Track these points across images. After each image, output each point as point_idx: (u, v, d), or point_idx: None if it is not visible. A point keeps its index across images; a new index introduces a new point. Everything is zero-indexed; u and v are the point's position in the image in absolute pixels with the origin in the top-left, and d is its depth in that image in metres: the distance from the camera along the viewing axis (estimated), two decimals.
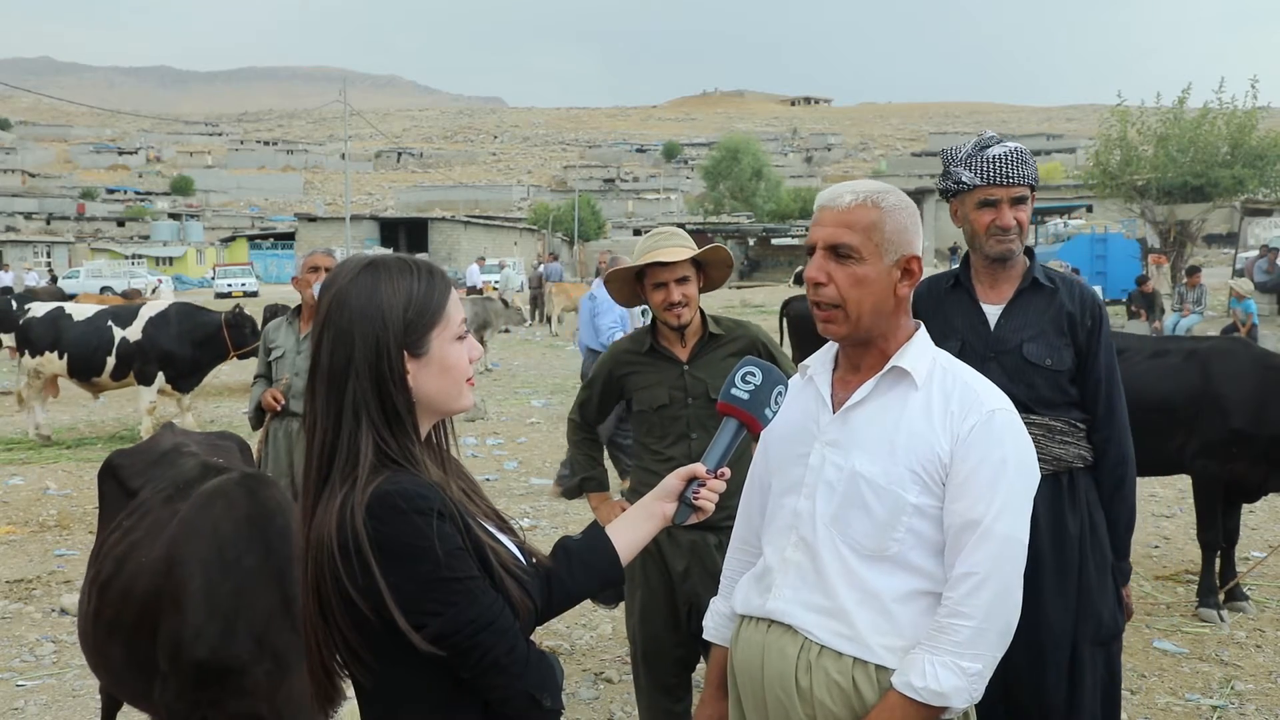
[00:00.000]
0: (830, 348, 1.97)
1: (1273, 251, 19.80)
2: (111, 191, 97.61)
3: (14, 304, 14.00)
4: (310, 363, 1.52)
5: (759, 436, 1.82)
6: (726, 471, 1.73)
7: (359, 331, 1.46)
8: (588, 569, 1.65)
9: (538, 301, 25.83)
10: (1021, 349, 2.63)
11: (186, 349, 10.12)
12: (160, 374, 10.10)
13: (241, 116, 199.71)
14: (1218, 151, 23.56)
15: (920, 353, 1.86)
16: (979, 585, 1.71)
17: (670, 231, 3.25)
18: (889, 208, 1.82)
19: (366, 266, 1.51)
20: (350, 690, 1.57)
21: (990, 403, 1.80)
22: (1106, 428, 2.69)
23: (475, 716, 1.50)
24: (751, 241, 51.20)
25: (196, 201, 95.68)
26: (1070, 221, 30.94)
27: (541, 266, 28.58)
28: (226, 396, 13.25)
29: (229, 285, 40.98)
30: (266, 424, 4.94)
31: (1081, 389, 2.70)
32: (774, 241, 50.71)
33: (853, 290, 1.81)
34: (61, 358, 10.14)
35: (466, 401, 1.57)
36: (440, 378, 1.52)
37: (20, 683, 4.56)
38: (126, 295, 22.23)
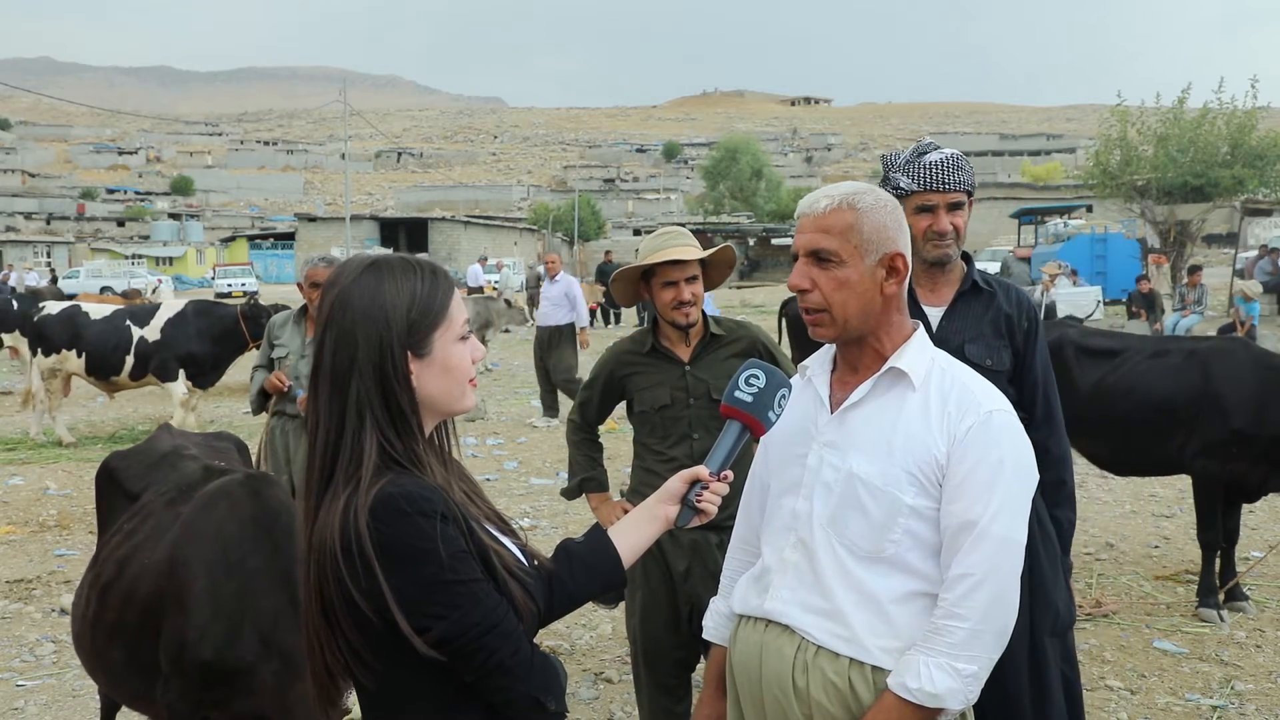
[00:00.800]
0: (829, 348, 1.97)
1: (1274, 252, 19.78)
2: (111, 191, 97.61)
3: (15, 303, 13.97)
4: (313, 363, 1.51)
5: (761, 439, 1.82)
6: (730, 474, 1.73)
7: (362, 332, 1.45)
8: (590, 571, 1.65)
9: (536, 302, 25.94)
10: (963, 349, 2.68)
11: (206, 346, 10.13)
12: (182, 370, 10.10)
13: (241, 116, 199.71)
14: (1218, 151, 23.58)
15: (918, 353, 1.86)
16: (975, 587, 1.71)
17: (678, 231, 3.26)
18: (865, 208, 1.82)
19: (369, 266, 1.50)
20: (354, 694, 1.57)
21: (988, 404, 1.80)
22: (1045, 427, 2.73)
23: (478, 719, 1.49)
24: (751, 241, 51.19)
25: (196, 201, 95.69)
26: (1070, 221, 30.87)
27: (542, 267, 28.60)
28: (227, 396, 13.25)
29: (229, 285, 40.98)
30: (268, 423, 4.96)
31: (1019, 389, 2.75)
32: (774, 241, 50.70)
33: (836, 293, 1.82)
34: (80, 356, 10.11)
35: (469, 402, 1.57)
36: (443, 378, 1.51)
37: (20, 683, 4.56)
38: (126, 295, 22.24)
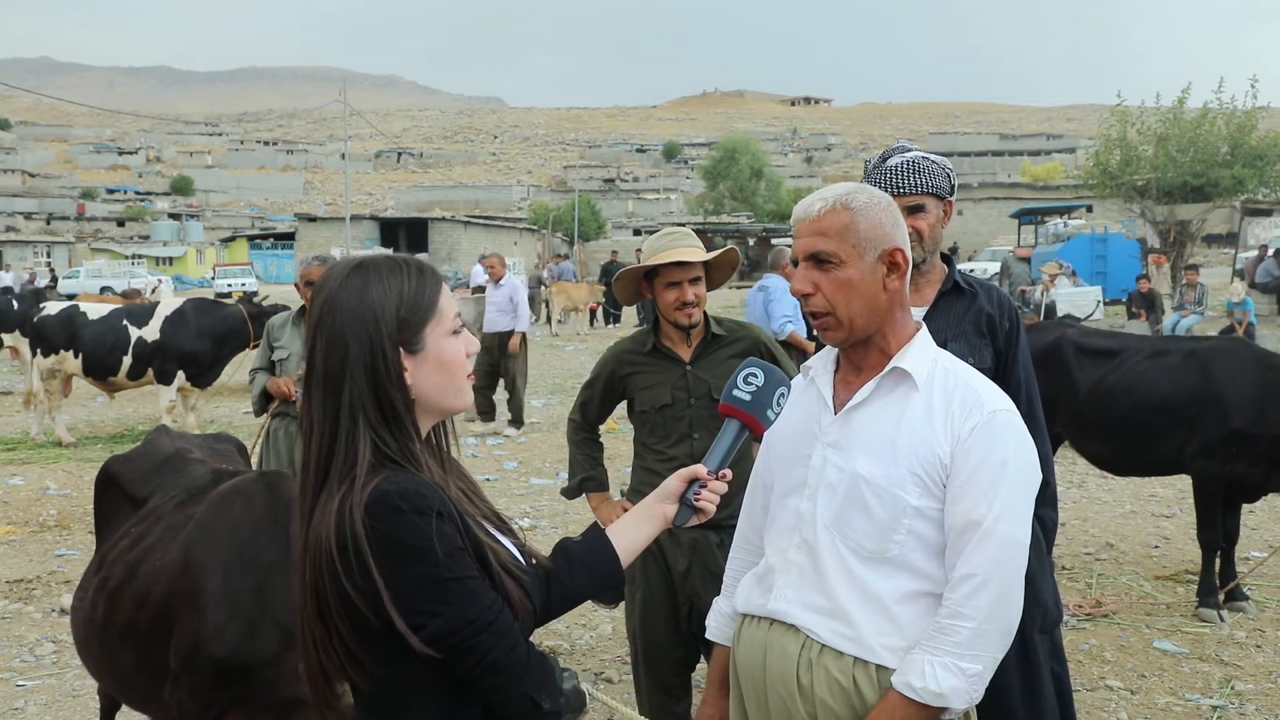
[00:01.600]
0: (832, 348, 1.97)
1: (1278, 253, 19.74)
2: (111, 191, 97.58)
3: (14, 303, 13.97)
4: (305, 367, 1.51)
5: (761, 437, 1.82)
6: (728, 473, 1.73)
7: (351, 333, 1.45)
8: (588, 571, 1.64)
9: (534, 302, 26.00)
10: (945, 348, 2.68)
11: (207, 345, 10.11)
12: (180, 373, 10.09)
13: (241, 116, 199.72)
14: (1218, 151, 23.58)
15: (921, 353, 1.86)
16: (980, 587, 1.71)
17: (684, 231, 3.27)
18: (860, 207, 1.83)
19: (355, 268, 1.50)
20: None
21: (991, 404, 1.80)
22: (1028, 426, 2.73)
23: (475, 719, 1.49)
24: (751, 241, 51.16)
25: (196, 201, 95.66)
26: (1070, 221, 30.89)
27: (545, 269, 28.67)
28: (226, 396, 13.24)
29: (229, 285, 40.94)
30: (268, 422, 4.96)
31: (1002, 389, 2.74)
32: (774, 241, 50.68)
33: (839, 295, 1.82)
34: (77, 356, 10.09)
35: (466, 399, 1.56)
36: (438, 373, 1.51)
37: (20, 683, 4.56)
38: (126, 295, 22.21)
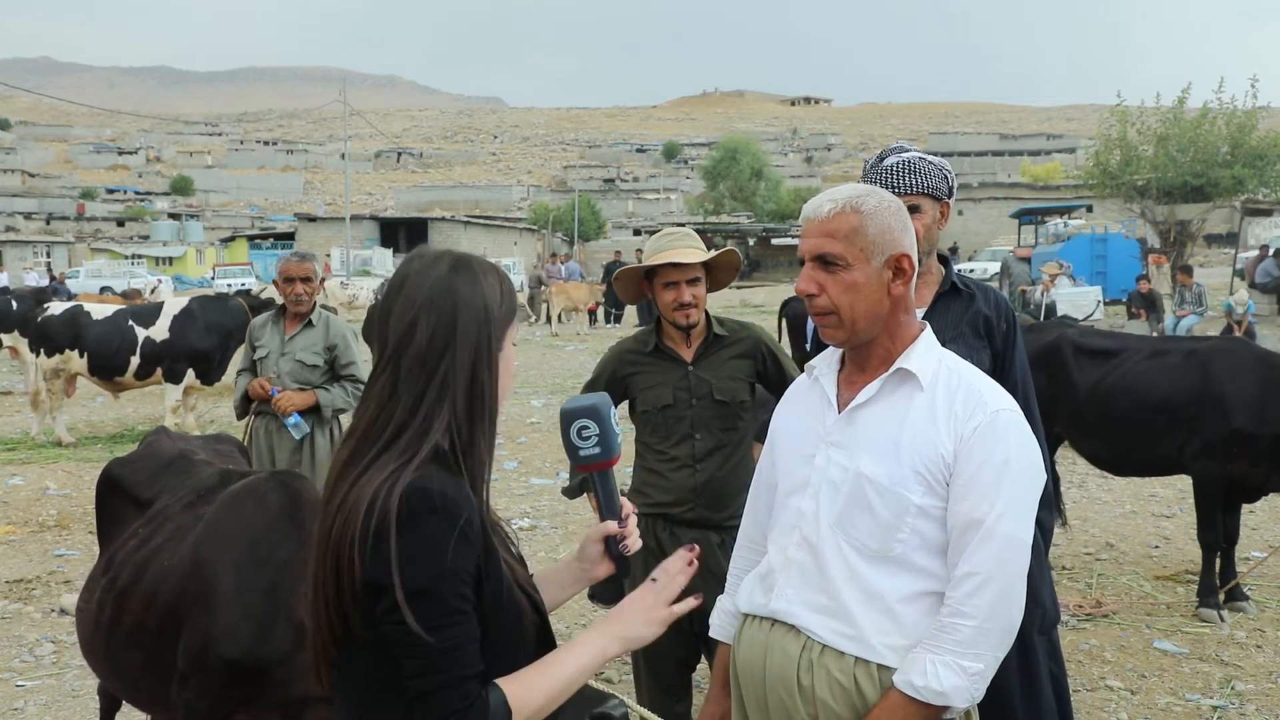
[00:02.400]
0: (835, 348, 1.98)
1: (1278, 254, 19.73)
2: (111, 191, 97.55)
3: (14, 303, 13.96)
4: (394, 342, 1.52)
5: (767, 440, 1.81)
6: (629, 508, 1.71)
7: (463, 318, 1.51)
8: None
9: (533, 302, 26.11)
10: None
11: (215, 341, 10.11)
12: (190, 371, 10.09)
13: (241, 116, 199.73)
14: (1218, 151, 23.59)
15: (925, 354, 1.87)
16: (981, 585, 1.71)
17: (684, 232, 3.27)
18: (869, 210, 1.83)
19: (461, 261, 1.56)
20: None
21: (994, 403, 1.80)
22: None
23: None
24: (751, 241, 51.19)
25: (196, 201, 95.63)
26: (1070, 221, 30.90)
27: (544, 269, 28.74)
28: (226, 396, 13.24)
29: (229, 285, 40.95)
30: (250, 422, 4.98)
31: None
32: (774, 241, 50.71)
33: (844, 297, 1.82)
34: (82, 356, 10.07)
35: (505, 403, 1.62)
36: (504, 375, 1.58)
37: (20, 683, 4.56)
38: (126, 295, 22.21)
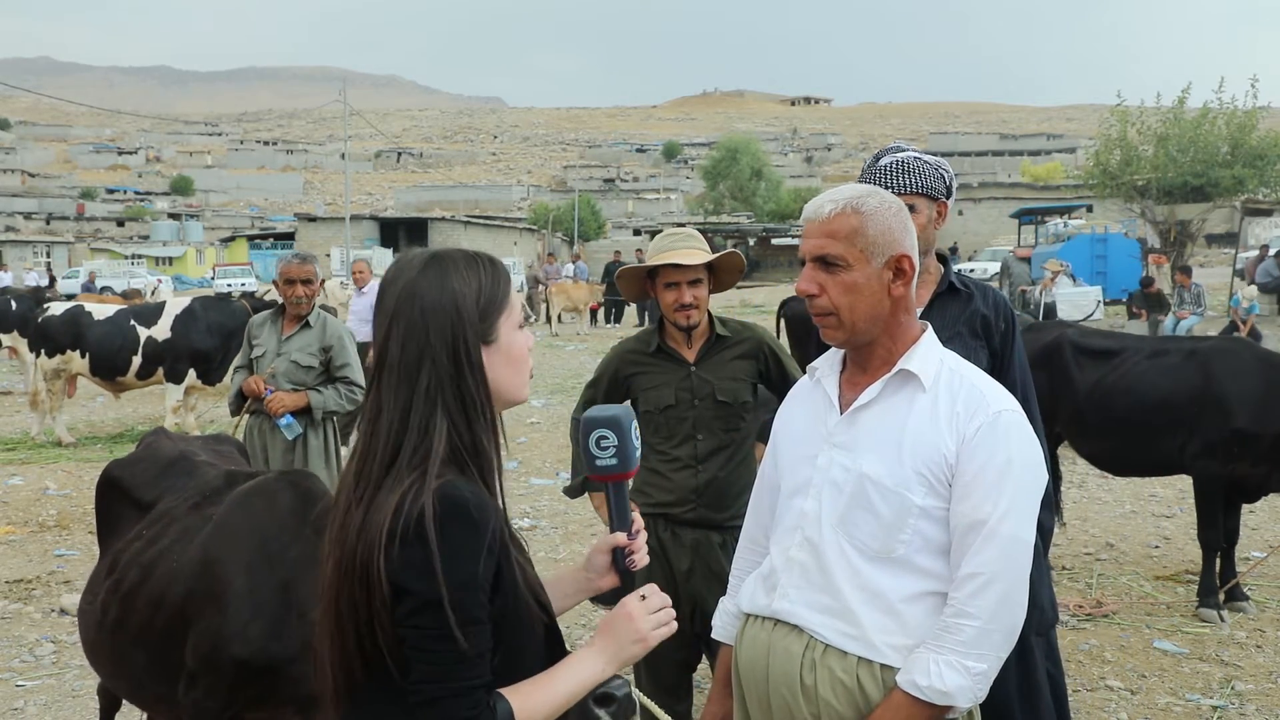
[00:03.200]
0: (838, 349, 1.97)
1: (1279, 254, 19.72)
2: (111, 191, 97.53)
3: (13, 303, 13.96)
4: (375, 356, 1.51)
5: (770, 440, 1.80)
6: (639, 522, 1.70)
7: (434, 321, 1.47)
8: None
9: (532, 302, 26.19)
10: None
11: (216, 341, 10.12)
12: (191, 371, 10.10)
13: (241, 116, 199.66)
14: (1218, 151, 23.58)
15: (927, 354, 1.87)
16: (984, 586, 1.71)
17: (687, 233, 3.26)
18: (870, 211, 1.83)
19: (431, 259, 1.52)
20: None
21: (996, 404, 1.80)
22: None
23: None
24: (751, 241, 51.16)
25: (196, 201, 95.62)
26: (1070, 221, 30.88)
27: (542, 269, 28.79)
28: (226, 396, 13.24)
29: (228, 285, 40.92)
30: (241, 422, 5.00)
31: None
32: (774, 241, 50.68)
33: (844, 298, 1.82)
34: (83, 357, 10.07)
35: (525, 392, 1.60)
36: (508, 365, 1.54)
37: (20, 683, 4.56)
38: (126, 295, 22.20)
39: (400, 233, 54.63)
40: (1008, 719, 2.41)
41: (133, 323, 10.14)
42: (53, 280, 34.43)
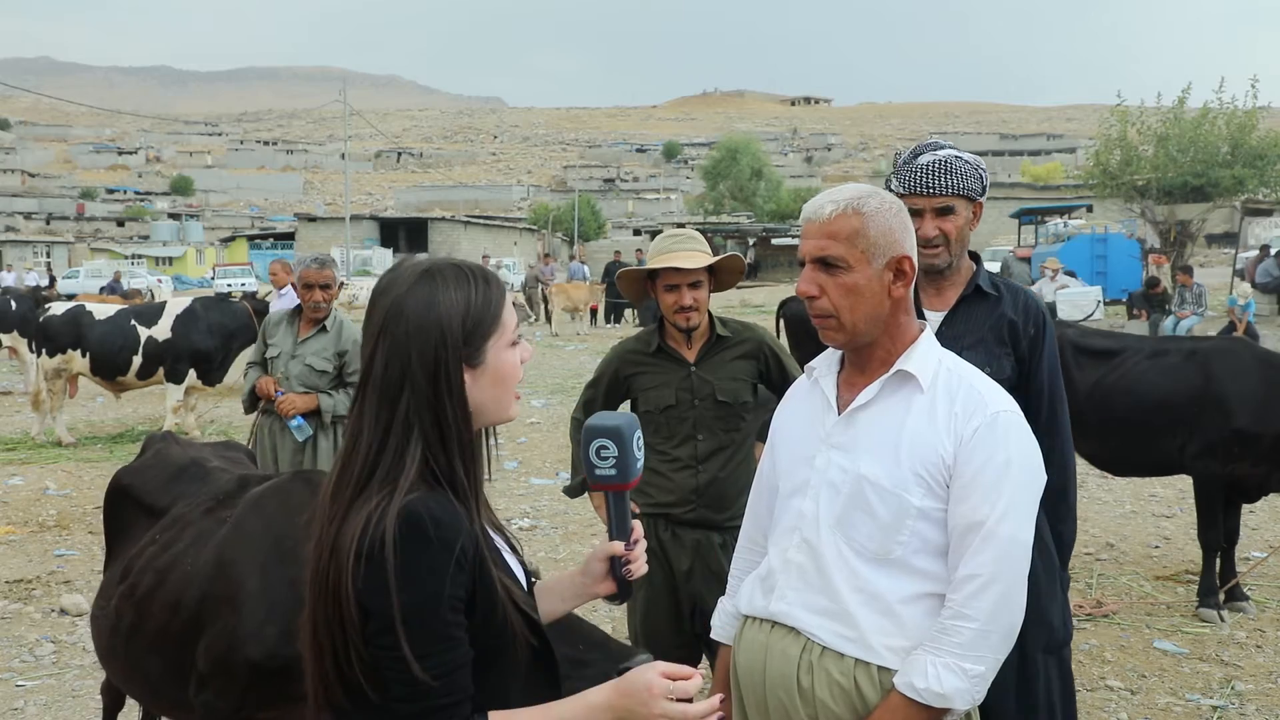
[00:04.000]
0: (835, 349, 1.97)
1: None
2: (111, 191, 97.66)
3: (13, 303, 13.96)
4: (361, 372, 1.49)
5: (768, 441, 1.79)
6: (639, 530, 1.69)
7: (416, 343, 1.44)
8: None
9: (531, 302, 26.25)
10: (962, 355, 2.61)
11: (217, 341, 10.13)
12: (191, 371, 10.09)
13: (241, 116, 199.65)
14: (1218, 151, 23.55)
15: (925, 355, 1.86)
16: (983, 587, 1.71)
17: (688, 235, 3.26)
18: (871, 212, 1.82)
19: (423, 274, 1.48)
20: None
21: (994, 405, 1.80)
22: (1049, 437, 2.60)
23: None
24: (751, 241, 51.13)
25: (196, 201, 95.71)
26: (1070, 221, 30.85)
27: (540, 268, 28.82)
28: (227, 396, 13.23)
29: (228, 285, 40.91)
30: (256, 420, 5.01)
31: (1024, 397, 2.59)
32: (774, 241, 50.65)
33: (844, 299, 1.81)
34: (84, 356, 10.06)
35: (513, 411, 1.55)
36: (494, 387, 1.50)
37: (20, 683, 4.56)
38: (126, 295, 22.21)
39: (400, 233, 54.68)
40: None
41: (133, 323, 10.14)
42: (53, 280, 34.41)
